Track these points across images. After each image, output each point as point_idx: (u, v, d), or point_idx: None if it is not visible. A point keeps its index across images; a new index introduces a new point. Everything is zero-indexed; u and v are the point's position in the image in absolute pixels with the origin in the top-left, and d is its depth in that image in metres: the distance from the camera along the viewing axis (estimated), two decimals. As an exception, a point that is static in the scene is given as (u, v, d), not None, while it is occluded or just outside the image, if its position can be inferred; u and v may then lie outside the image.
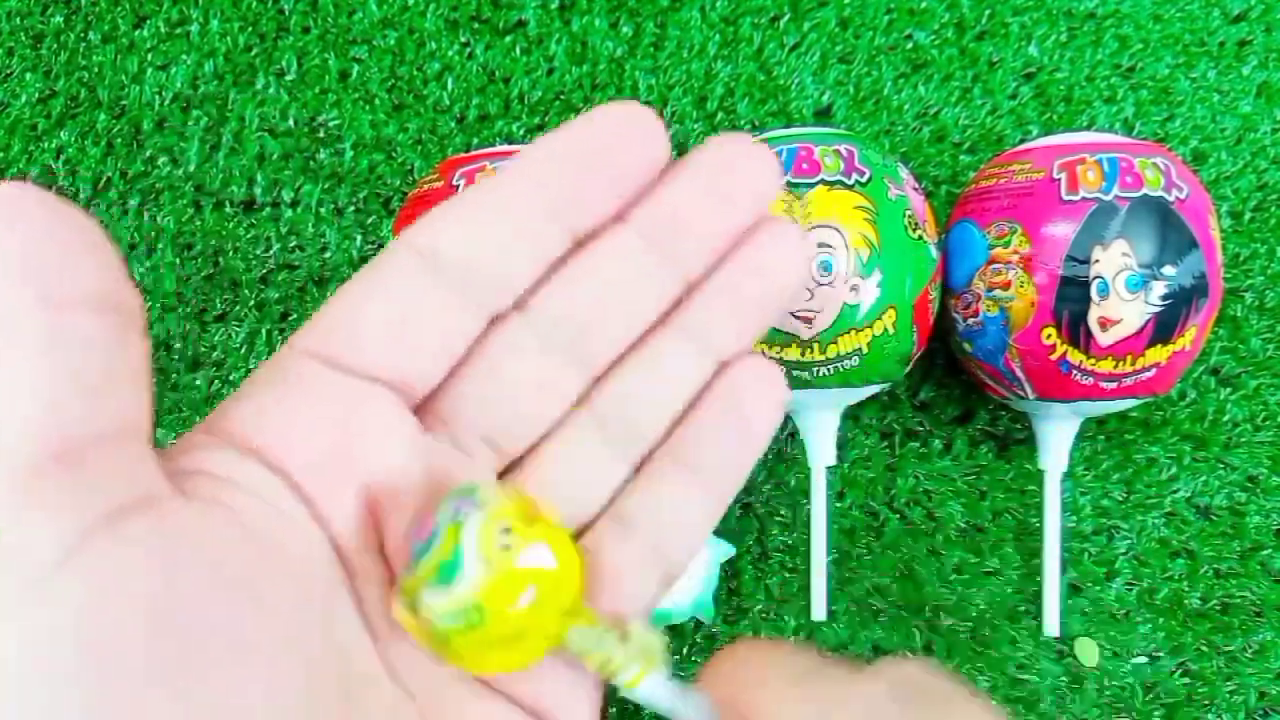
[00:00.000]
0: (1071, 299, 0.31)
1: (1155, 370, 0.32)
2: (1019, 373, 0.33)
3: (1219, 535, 0.38)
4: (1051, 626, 0.36)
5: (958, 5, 0.42)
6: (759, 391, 0.19)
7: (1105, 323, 0.31)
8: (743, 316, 0.19)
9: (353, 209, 0.41)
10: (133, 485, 0.13)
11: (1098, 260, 0.31)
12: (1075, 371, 0.32)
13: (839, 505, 0.39)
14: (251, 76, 0.42)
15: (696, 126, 0.41)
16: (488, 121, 0.42)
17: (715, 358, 0.19)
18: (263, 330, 0.40)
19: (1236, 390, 0.39)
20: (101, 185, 0.42)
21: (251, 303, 0.40)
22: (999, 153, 0.37)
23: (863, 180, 0.32)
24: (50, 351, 0.12)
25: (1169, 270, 0.31)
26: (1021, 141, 0.37)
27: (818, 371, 0.33)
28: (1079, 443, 0.38)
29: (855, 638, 0.38)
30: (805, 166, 0.32)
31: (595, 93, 0.42)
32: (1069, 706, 0.37)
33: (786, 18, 0.42)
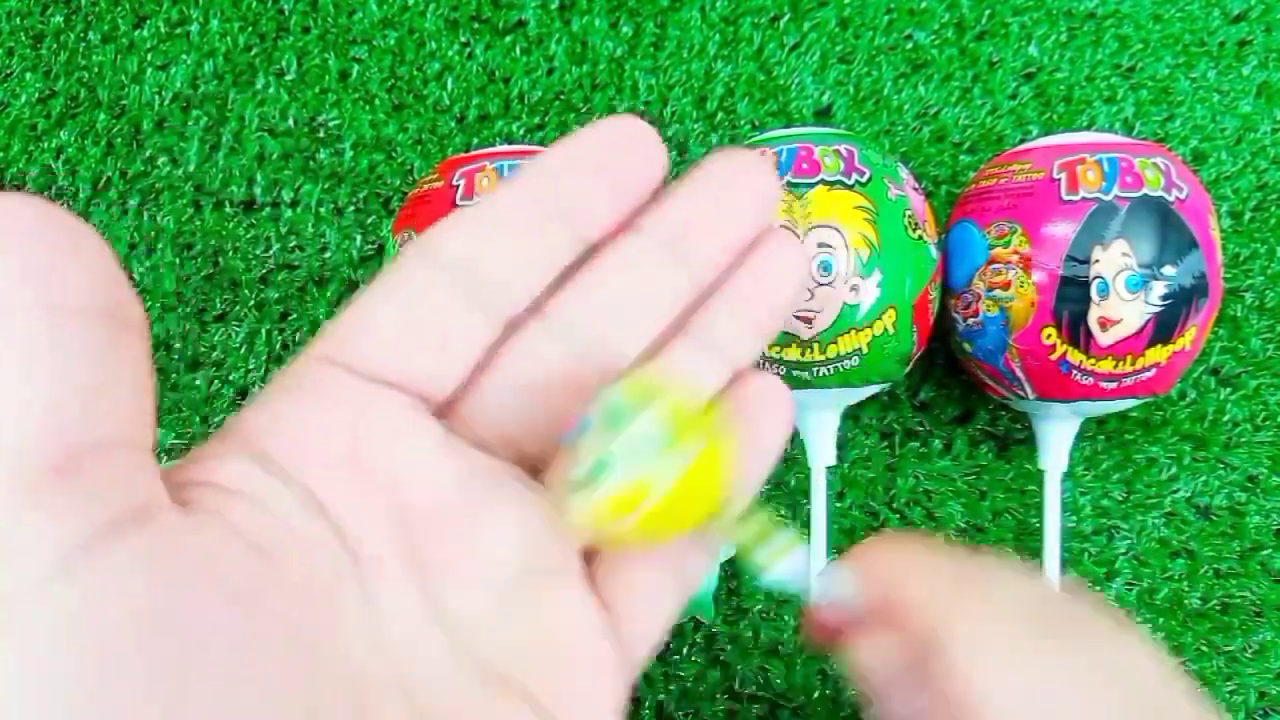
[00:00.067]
0: (1071, 299, 0.31)
1: (1155, 370, 0.32)
2: (1019, 373, 0.33)
3: (1219, 535, 0.38)
4: (1051, 626, 0.36)
5: (958, 5, 0.42)
6: (767, 408, 0.20)
7: (1105, 323, 0.31)
8: (755, 324, 0.20)
9: (353, 209, 0.41)
10: (130, 494, 0.13)
11: (1098, 260, 0.31)
12: (1075, 371, 0.32)
13: (839, 505, 0.39)
14: (251, 76, 0.42)
15: (696, 126, 0.41)
16: (488, 121, 0.42)
17: (731, 365, 0.20)
18: (262, 330, 0.40)
19: (1236, 390, 0.39)
20: (101, 185, 0.42)
21: (251, 303, 0.40)
22: (999, 153, 0.37)
23: (863, 180, 0.32)
24: (50, 359, 0.12)
25: (1169, 270, 0.31)
26: (1021, 141, 0.37)
27: (818, 371, 0.33)
28: (1079, 443, 0.38)
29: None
30: (805, 166, 0.32)
31: (595, 93, 0.42)
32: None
33: (786, 18, 0.42)
